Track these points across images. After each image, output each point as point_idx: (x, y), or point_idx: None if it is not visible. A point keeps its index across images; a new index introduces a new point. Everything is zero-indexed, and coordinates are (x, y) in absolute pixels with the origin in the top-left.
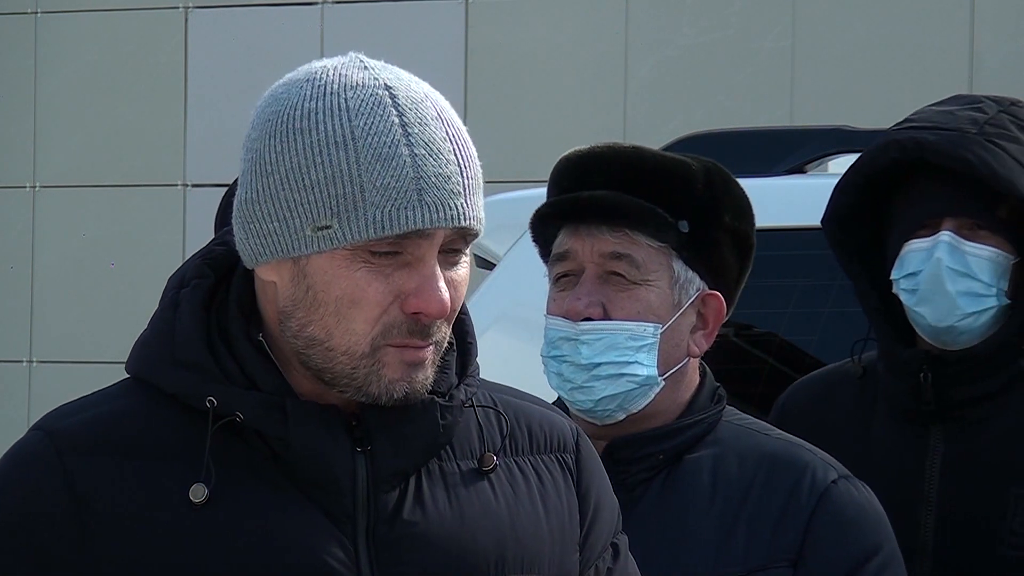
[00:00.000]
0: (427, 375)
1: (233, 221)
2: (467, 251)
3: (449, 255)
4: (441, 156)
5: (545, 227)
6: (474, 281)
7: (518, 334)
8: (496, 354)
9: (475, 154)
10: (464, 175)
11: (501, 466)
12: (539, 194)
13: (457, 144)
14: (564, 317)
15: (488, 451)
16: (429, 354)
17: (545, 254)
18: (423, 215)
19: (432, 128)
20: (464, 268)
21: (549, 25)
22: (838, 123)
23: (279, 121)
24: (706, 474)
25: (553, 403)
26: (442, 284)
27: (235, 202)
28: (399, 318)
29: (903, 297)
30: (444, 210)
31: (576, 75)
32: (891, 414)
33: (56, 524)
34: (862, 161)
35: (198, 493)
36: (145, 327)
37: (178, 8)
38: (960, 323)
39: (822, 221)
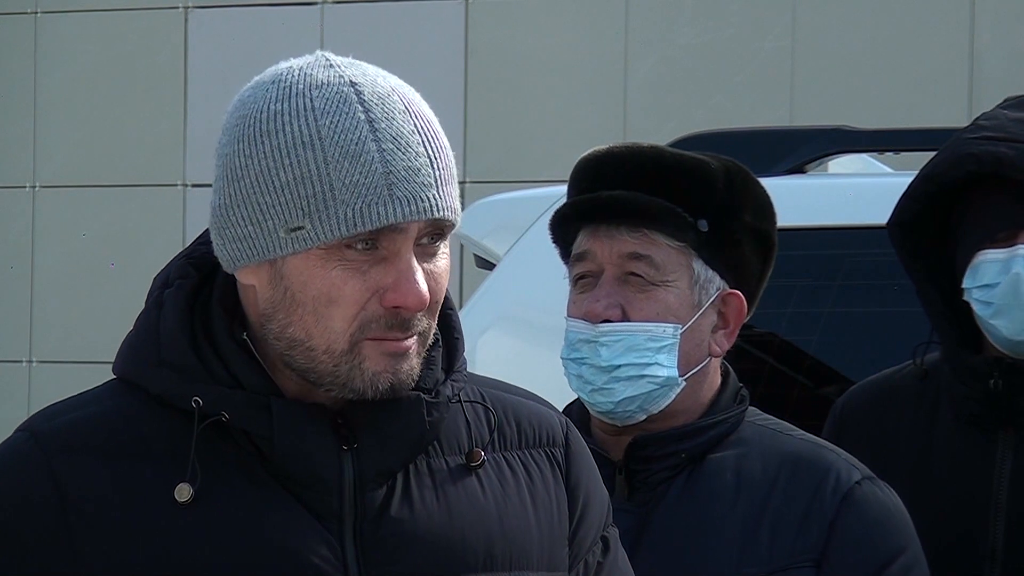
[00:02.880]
0: (412, 365)
1: (210, 227)
2: (446, 242)
3: (427, 247)
4: (410, 149)
5: (564, 228)
6: (474, 281)
7: (518, 334)
8: (496, 354)
9: (446, 145)
10: (435, 167)
11: (489, 461)
12: (540, 194)
13: (426, 136)
14: (583, 319)
15: (476, 447)
16: (412, 344)
17: (565, 255)
18: (394, 209)
19: (400, 122)
20: (444, 259)
21: (549, 25)
22: (838, 123)
23: (246, 125)
24: (729, 474)
25: (571, 403)
26: (419, 277)
27: (210, 208)
28: (378, 312)
29: (976, 307)
30: (416, 203)
31: (576, 75)
32: (957, 418)
33: (43, 525)
34: (935, 171)
35: (184, 493)
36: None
37: (178, 8)
38: None
39: (887, 225)
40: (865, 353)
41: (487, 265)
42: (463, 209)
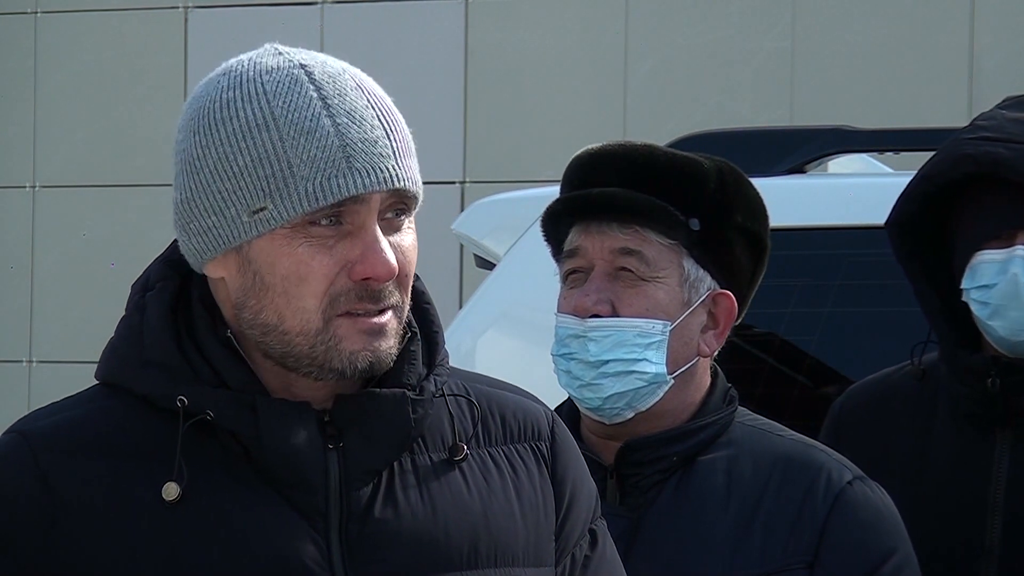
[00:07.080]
0: (390, 344)
1: (174, 224)
2: (411, 218)
3: (391, 220)
4: (365, 122)
5: (556, 225)
6: (474, 281)
7: (518, 334)
8: (496, 354)
9: (401, 120)
10: (392, 139)
11: (474, 457)
12: (540, 194)
13: (380, 110)
14: (573, 314)
15: (460, 441)
16: (387, 320)
17: (556, 253)
18: (354, 181)
19: (352, 97)
20: (410, 235)
21: (549, 25)
22: (838, 123)
23: (200, 117)
24: (720, 476)
25: (561, 405)
26: (386, 247)
27: (173, 207)
28: (347, 286)
29: (974, 307)
30: (375, 173)
31: (576, 75)
32: (954, 418)
33: (31, 523)
34: (932, 171)
35: (171, 492)
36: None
37: (178, 8)
38: None
39: (885, 225)
40: (865, 353)
41: (487, 265)
42: (463, 209)
